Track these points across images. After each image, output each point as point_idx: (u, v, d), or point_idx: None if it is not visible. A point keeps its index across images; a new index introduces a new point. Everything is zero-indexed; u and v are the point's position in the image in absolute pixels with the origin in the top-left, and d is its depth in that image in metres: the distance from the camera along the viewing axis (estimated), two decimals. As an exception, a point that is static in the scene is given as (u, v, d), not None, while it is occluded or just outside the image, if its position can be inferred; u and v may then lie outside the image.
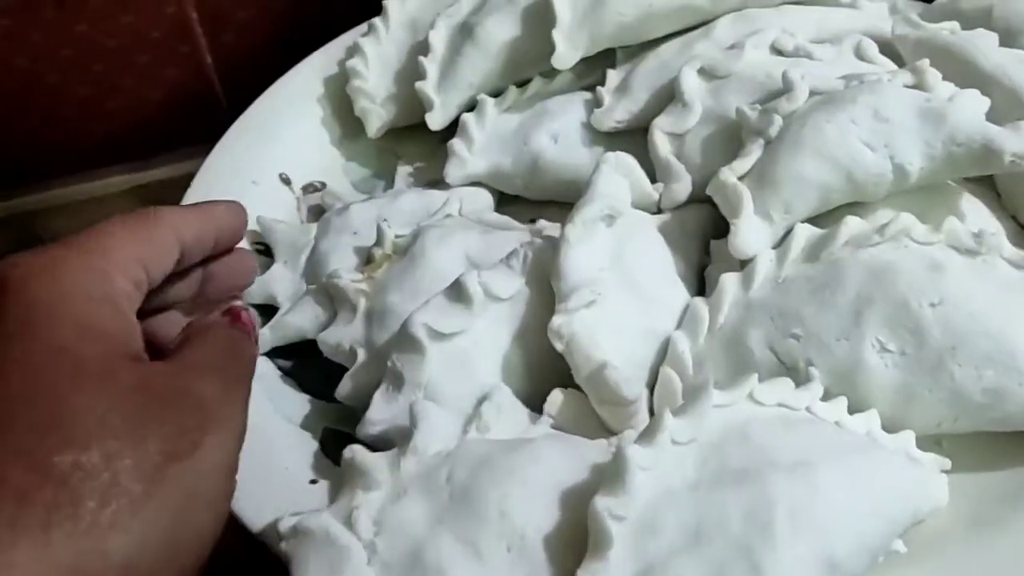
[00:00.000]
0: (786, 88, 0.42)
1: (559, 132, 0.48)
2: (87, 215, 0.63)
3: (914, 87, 0.40)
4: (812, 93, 0.41)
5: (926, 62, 0.41)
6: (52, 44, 0.60)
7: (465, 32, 0.51)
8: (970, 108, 0.39)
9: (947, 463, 0.34)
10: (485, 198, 0.49)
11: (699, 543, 0.29)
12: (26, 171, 0.65)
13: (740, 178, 0.40)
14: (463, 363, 0.37)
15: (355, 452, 0.32)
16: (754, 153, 0.40)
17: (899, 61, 0.46)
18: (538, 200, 0.49)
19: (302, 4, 0.66)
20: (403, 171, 0.53)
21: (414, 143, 0.54)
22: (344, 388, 0.39)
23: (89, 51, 0.61)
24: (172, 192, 0.51)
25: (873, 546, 0.31)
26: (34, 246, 0.29)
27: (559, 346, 0.36)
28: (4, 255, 0.29)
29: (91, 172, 0.66)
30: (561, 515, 0.30)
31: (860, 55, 0.45)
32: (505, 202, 0.50)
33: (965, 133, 0.38)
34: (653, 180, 0.44)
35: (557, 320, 0.36)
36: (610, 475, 0.30)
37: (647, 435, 0.31)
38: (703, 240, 0.43)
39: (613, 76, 0.49)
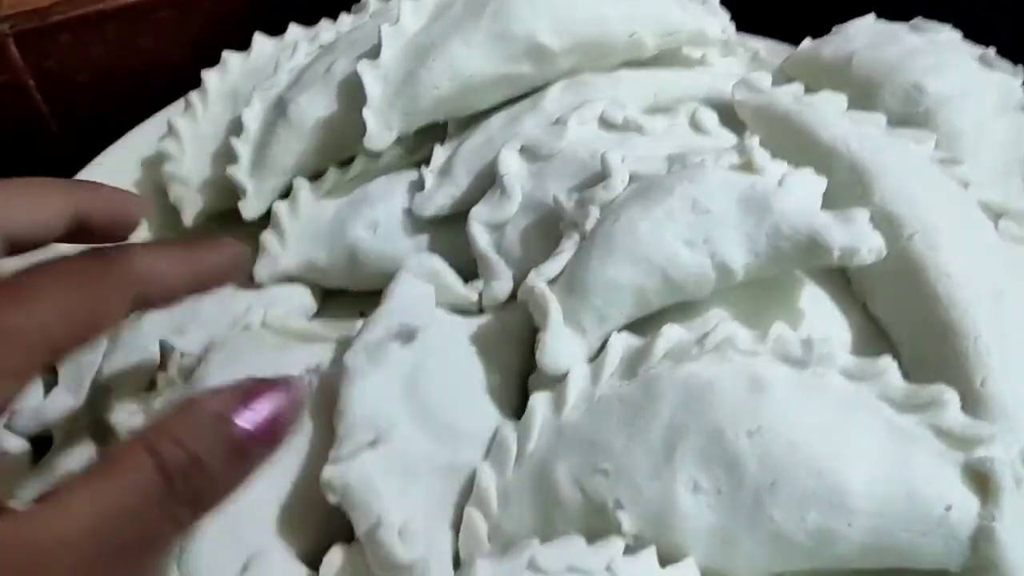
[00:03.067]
0: (604, 173, 0.37)
1: (378, 221, 0.43)
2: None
3: (742, 167, 0.36)
4: (633, 177, 0.37)
5: (756, 140, 0.37)
6: None
7: (279, 110, 0.46)
8: (800, 194, 0.35)
9: None
10: (300, 298, 0.44)
11: None
12: None
13: (552, 281, 0.36)
14: (228, 522, 0.32)
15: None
16: (567, 251, 0.36)
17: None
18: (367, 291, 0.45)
19: (141, 59, 0.62)
20: (221, 264, 0.48)
21: (240, 230, 0.48)
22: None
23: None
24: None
25: None
26: None
27: (332, 499, 0.31)
28: None
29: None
30: None
31: (696, 126, 0.41)
32: (331, 293, 0.45)
33: (791, 225, 0.34)
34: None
35: (328, 470, 0.31)
36: None
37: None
38: (528, 342, 0.38)
39: (439, 154, 0.45)
